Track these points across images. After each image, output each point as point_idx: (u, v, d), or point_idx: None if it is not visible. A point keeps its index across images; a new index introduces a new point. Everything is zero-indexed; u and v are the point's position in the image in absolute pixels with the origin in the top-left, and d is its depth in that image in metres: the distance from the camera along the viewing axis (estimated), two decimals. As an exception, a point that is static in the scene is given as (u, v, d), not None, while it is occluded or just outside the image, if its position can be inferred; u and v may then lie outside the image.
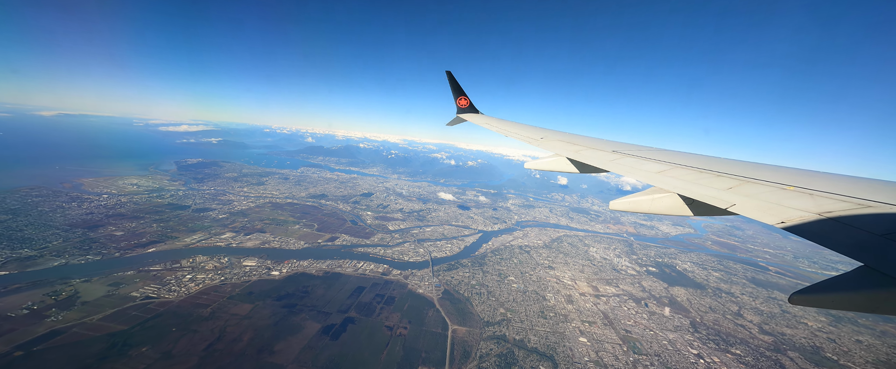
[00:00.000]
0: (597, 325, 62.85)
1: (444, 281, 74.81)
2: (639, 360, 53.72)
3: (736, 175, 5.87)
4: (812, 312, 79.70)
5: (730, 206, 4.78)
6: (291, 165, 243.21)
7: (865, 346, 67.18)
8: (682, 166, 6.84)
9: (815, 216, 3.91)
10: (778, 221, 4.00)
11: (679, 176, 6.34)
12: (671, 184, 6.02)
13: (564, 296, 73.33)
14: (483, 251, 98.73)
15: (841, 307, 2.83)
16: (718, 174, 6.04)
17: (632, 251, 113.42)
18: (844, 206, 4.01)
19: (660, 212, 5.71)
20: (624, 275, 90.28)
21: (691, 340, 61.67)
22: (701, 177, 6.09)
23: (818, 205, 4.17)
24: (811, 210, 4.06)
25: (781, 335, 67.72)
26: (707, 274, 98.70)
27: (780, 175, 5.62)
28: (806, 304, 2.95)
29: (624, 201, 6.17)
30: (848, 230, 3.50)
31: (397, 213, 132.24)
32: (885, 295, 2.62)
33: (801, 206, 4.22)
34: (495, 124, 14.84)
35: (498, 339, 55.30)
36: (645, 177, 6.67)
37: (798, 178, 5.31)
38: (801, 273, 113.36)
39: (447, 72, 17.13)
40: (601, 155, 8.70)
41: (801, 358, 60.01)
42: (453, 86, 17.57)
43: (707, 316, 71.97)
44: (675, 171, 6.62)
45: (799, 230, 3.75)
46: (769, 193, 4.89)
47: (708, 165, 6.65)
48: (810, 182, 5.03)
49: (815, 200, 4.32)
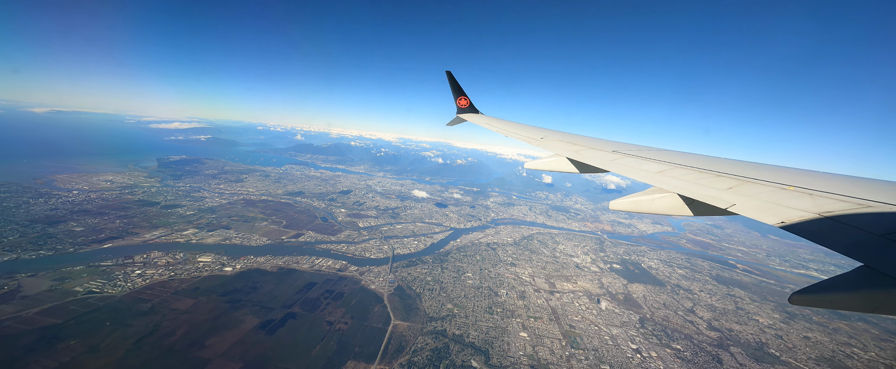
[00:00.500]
0: (542, 321, 63.15)
1: (400, 278, 74.99)
2: (574, 354, 54.05)
3: (736, 175, 5.89)
4: (767, 310, 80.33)
5: (730, 206, 4.79)
6: (277, 163, 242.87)
7: (812, 343, 67.73)
8: (682, 166, 6.89)
9: (815, 216, 3.91)
10: (778, 221, 4.02)
11: (679, 176, 6.38)
12: (671, 184, 6.04)
13: (518, 293, 73.63)
14: (449, 248, 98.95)
15: (841, 307, 2.84)
16: (718, 174, 6.07)
17: (601, 248, 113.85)
18: (844, 206, 4.02)
19: (660, 211, 5.74)
20: (585, 272, 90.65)
21: (635, 335, 62.05)
22: (701, 177, 6.13)
23: (818, 205, 4.17)
24: (811, 210, 4.07)
25: (729, 331, 68.19)
26: (671, 271, 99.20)
27: (780, 175, 5.63)
28: (806, 304, 2.94)
29: (624, 201, 6.18)
30: (848, 230, 3.53)
31: (371, 211, 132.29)
32: (884, 295, 2.62)
33: (801, 206, 4.22)
34: (495, 124, 14.91)
35: (437, 334, 55.54)
36: (645, 177, 6.66)
37: (798, 178, 5.33)
38: (768, 271, 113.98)
39: (447, 72, 17.14)
40: (601, 155, 8.76)
41: (742, 354, 60.47)
42: (453, 86, 17.57)
43: (658, 313, 72.38)
44: (675, 171, 6.65)
45: (799, 230, 3.77)
46: (769, 193, 4.89)
47: (708, 165, 6.69)
48: (810, 182, 5.04)
49: (815, 200, 4.33)
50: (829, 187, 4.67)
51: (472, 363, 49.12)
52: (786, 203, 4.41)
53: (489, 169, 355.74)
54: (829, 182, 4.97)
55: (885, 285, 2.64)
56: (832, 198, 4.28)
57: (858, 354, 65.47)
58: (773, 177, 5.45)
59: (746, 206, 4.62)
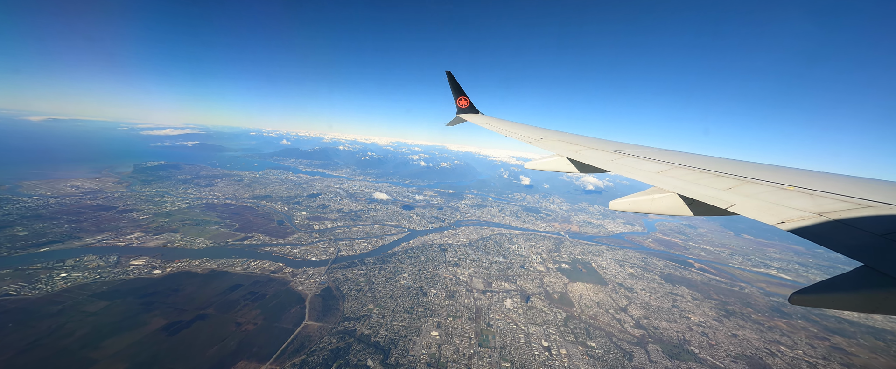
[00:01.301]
0: (461, 320, 63.00)
1: (333, 279, 75.02)
2: (478, 352, 53.88)
3: (736, 175, 5.88)
4: (704, 308, 79.95)
5: (730, 206, 4.78)
6: (257, 167, 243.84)
7: (738, 340, 67.35)
8: (682, 166, 6.89)
9: (815, 216, 3.90)
10: (778, 221, 4.02)
11: (679, 176, 6.37)
12: (671, 184, 6.04)
13: (449, 292, 73.51)
14: (397, 249, 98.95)
15: (841, 307, 2.84)
16: (718, 174, 6.06)
17: (556, 249, 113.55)
18: (844, 206, 4.01)
19: (660, 212, 5.74)
20: (529, 272, 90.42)
21: (552, 333, 61.81)
22: (701, 177, 6.12)
23: (818, 205, 4.17)
24: (811, 210, 4.06)
25: (655, 329, 67.83)
26: (620, 270, 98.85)
27: (780, 175, 5.62)
28: (806, 304, 2.94)
29: (624, 201, 6.15)
30: (848, 230, 3.52)
31: (334, 214, 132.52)
32: (885, 295, 2.62)
33: (801, 206, 4.22)
34: (495, 124, 14.90)
35: (344, 334, 55.51)
36: (645, 177, 6.65)
37: (798, 178, 5.32)
38: (724, 269, 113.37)
39: (447, 72, 17.14)
40: (601, 155, 8.74)
41: (658, 351, 60.14)
42: (453, 86, 17.54)
43: (588, 311, 72.08)
44: (675, 171, 6.65)
45: (799, 230, 3.76)
46: (769, 193, 4.88)
47: (708, 165, 6.69)
48: (810, 182, 5.04)
49: (815, 200, 4.33)
50: (829, 187, 4.67)
51: (368, 362, 49.03)
52: (786, 203, 4.42)
53: (476, 171, 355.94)
54: (829, 182, 4.97)
55: (885, 285, 2.64)
56: (832, 198, 4.29)
57: (784, 351, 65.04)
58: (773, 177, 5.45)
59: (746, 206, 4.62)
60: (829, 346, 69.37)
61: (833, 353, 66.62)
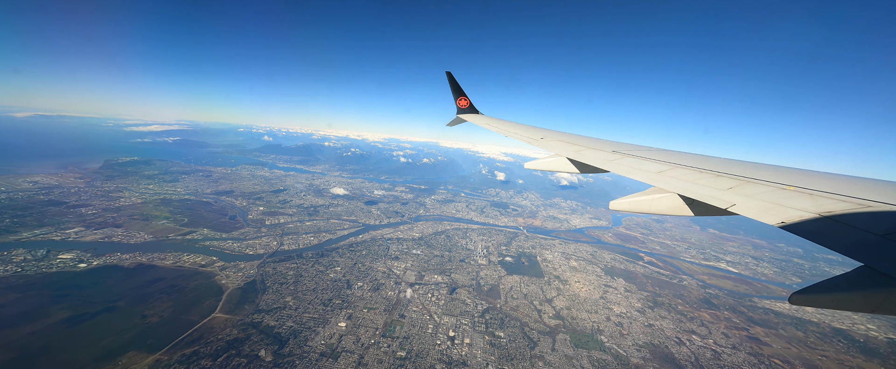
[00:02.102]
0: (376, 311, 63.77)
1: (263, 273, 75.47)
2: (379, 343, 54.69)
3: (736, 175, 5.88)
4: (633, 299, 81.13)
5: (730, 206, 4.79)
6: (233, 163, 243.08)
7: (653, 329, 68.57)
8: (682, 166, 6.90)
9: (815, 216, 3.91)
10: (778, 221, 4.02)
11: (679, 176, 6.39)
12: (671, 184, 6.04)
13: (375, 285, 74.23)
14: (343, 244, 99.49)
15: (841, 307, 2.86)
16: (718, 174, 6.06)
17: (508, 242, 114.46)
18: (844, 206, 4.01)
19: (660, 212, 5.75)
20: (469, 265, 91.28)
21: (464, 324, 62.72)
22: (701, 177, 6.13)
23: (818, 204, 4.17)
24: (811, 210, 4.07)
25: (573, 319, 68.94)
26: (564, 263, 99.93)
27: (780, 175, 5.62)
28: (806, 304, 2.97)
29: (624, 201, 6.15)
30: (848, 230, 3.53)
31: (292, 209, 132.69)
32: (885, 295, 2.63)
33: (801, 206, 4.22)
34: (495, 124, 14.92)
35: (248, 326, 56.10)
36: (645, 177, 6.66)
37: (798, 178, 5.32)
38: (673, 263, 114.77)
39: (447, 72, 17.12)
40: (601, 155, 8.74)
41: (566, 341, 61.24)
42: (453, 86, 17.54)
43: (511, 303, 73.09)
44: (675, 171, 6.66)
45: (799, 230, 3.77)
46: (769, 193, 4.88)
47: (708, 165, 6.70)
48: (810, 182, 5.04)
49: (815, 200, 4.33)
50: (829, 187, 4.68)
51: (260, 353, 49.69)
52: (786, 203, 4.42)
53: (459, 167, 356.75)
54: (829, 182, 4.98)
55: (885, 285, 2.65)
56: (832, 198, 4.29)
57: (695, 340, 66.39)
58: (773, 177, 5.45)
59: (746, 206, 4.63)
60: (745, 336, 70.82)
61: (746, 343, 68.04)
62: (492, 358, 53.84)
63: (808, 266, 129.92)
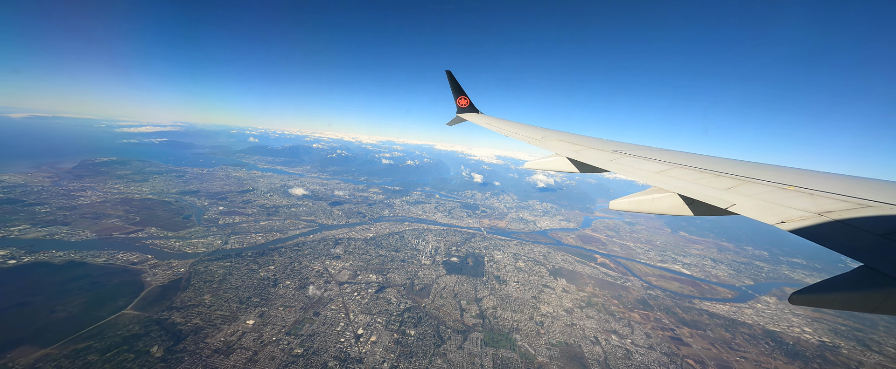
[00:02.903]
0: (292, 309, 63.96)
1: (192, 271, 75.68)
2: (282, 340, 54.89)
3: (736, 175, 5.89)
4: (566, 300, 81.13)
5: (730, 206, 4.79)
6: (213, 164, 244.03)
7: (574, 329, 68.57)
8: (682, 166, 6.91)
9: (815, 216, 3.91)
10: (778, 221, 4.03)
11: (679, 176, 6.40)
12: (671, 184, 6.05)
13: (302, 283, 74.45)
14: (290, 243, 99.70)
15: (841, 307, 2.86)
16: (718, 174, 6.07)
17: (461, 243, 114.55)
18: (844, 206, 4.02)
19: (660, 211, 5.77)
20: (410, 265, 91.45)
21: (377, 322, 62.83)
22: (701, 177, 6.14)
23: (818, 205, 4.18)
24: (811, 210, 4.08)
25: (494, 318, 69.01)
26: (510, 264, 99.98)
27: (780, 175, 5.63)
28: (806, 304, 2.95)
29: (625, 201, 6.16)
30: (848, 230, 3.53)
31: (253, 209, 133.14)
32: (885, 295, 2.63)
33: (801, 206, 4.23)
34: (495, 124, 14.87)
35: (153, 322, 56.31)
36: (645, 177, 6.68)
37: (798, 178, 5.33)
38: (626, 264, 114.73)
39: (447, 71, 17.15)
40: (601, 155, 8.75)
41: (478, 339, 61.28)
42: (453, 85, 17.55)
43: (437, 302, 73.23)
44: (675, 171, 6.67)
45: (799, 230, 3.77)
46: (769, 193, 4.88)
47: (708, 165, 6.71)
48: (810, 182, 5.04)
49: (815, 200, 4.34)
50: (829, 187, 4.68)
51: (152, 349, 49.94)
52: (786, 203, 4.44)
53: (446, 169, 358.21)
54: (829, 182, 4.98)
55: (885, 285, 2.66)
56: (832, 198, 4.30)
57: (613, 340, 66.38)
58: (773, 177, 5.46)
59: (746, 206, 4.64)
60: (668, 336, 70.81)
61: (666, 343, 68.04)
62: (391, 356, 53.98)
63: (768, 269, 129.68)
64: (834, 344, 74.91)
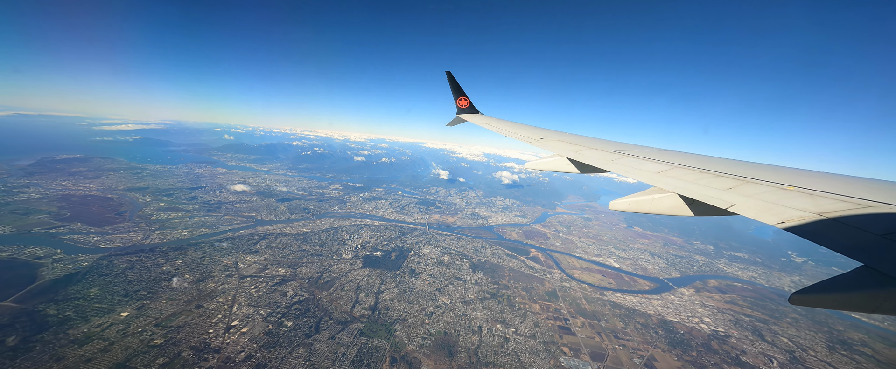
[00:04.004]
0: (176, 302, 64.66)
1: (94, 266, 75.91)
2: (146, 331, 55.69)
3: (736, 175, 5.89)
4: (471, 293, 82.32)
5: (730, 206, 4.80)
6: (181, 161, 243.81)
7: (463, 318, 69.76)
8: (682, 166, 6.91)
9: (815, 216, 3.92)
10: (778, 221, 4.03)
11: (679, 176, 6.41)
12: (671, 184, 6.06)
13: (201, 277, 75.18)
14: (212, 239, 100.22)
15: (841, 307, 2.87)
16: (718, 174, 6.08)
17: (394, 238, 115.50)
18: (844, 206, 4.02)
19: (660, 212, 5.78)
20: (327, 259, 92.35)
21: (259, 313, 63.73)
22: (701, 177, 6.15)
23: (818, 205, 4.18)
24: (811, 210, 4.09)
25: (387, 311, 70.15)
26: (437, 258, 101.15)
27: (780, 175, 5.64)
28: (806, 304, 2.97)
29: (625, 201, 6.20)
30: (848, 230, 3.54)
31: (194, 205, 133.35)
32: (885, 295, 2.65)
33: (801, 206, 4.24)
34: (495, 124, 14.91)
35: (23, 314, 56.99)
36: (645, 177, 6.69)
37: (798, 178, 5.34)
38: (559, 259, 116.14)
39: (447, 72, 17.10)
40: (601, 155, 8.77)
41: (354, 331, 62.34)
42: (453, 86, 17.53)
43: (336, 294, 74.30)
44: (675, 171, 6.67)
45: (799, 230, 3.78)
46: (769, 193, 4.89)
47: (708, 165, 6.71)
48: (810, 182, 5.05)
49: (815, 200, 4.34)
50: (829, 187, 4.69)
51: (9, 340, 50.65)
52: (786, 203, 4.45)
53: (424, 165, 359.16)
54: (829, 182, 4.99)
55: (885, 285, 2.67)
56: (832, 198, 4.30)
57: (495, 329, 67.62)
58: (773, 177, 5.48)
59: (746, 206, 4.66)
60: (557, 326, 72.28)
61: (551, 332, 69.45)
62: (253, 346, 54.98)
63: (704, 262, 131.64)
64: (726, 334, 76.72)
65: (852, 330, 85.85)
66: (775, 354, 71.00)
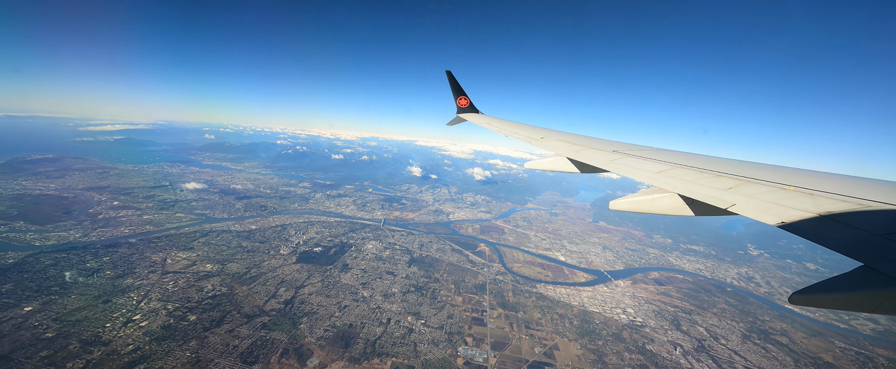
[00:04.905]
0: (85, 297, 65.51)
1: (20, 262, 76.80)
2: (42, 325, 56.56)
3: (736, 175, 5.91)
4: (397, 287, 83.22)
5: (730, 206, 4.80)
6: (157, 160, 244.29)
7: (375, 312, 70.72)
8: (682, 166, 6.93)
9: (815, 216, 3.93)
10: (778, 221, 4.03)
11: (679, 176, 6.43)
12: (671, 184, 6.09)
13: (122, 273, 76.02)
14: (154, 236, 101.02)
15: (841, 307, 2.88)
16: (718, 174, 6.10)
17: (341, 234, 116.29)
18: (844, 206, 4.03)
19: (660, 211, 5.78)
20: (262, 255, 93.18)
21: (165, 308, 64.58)
22: (701, 177, 6.17)
23: (818, 204, 4.19)
24: (811, 210, 4.09)
25: (302, 304, 71.05)
26: (376, 254, 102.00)
27: (780, 175, 5.65)
28: (806, 304, 2.99)
29: (625, 201, 6.22)
30: (848, 230, 3.54)
31: (148, 204, 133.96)
32: (885, 295, 2.65)
33: (800, 206, 4.24)
34: (495, 124, 14.93)
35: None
36: (645, 177, 6.71)
37: (798, 178, 5.35)
38: (505, 252, 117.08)
39: (447, 71, 17.16)
40: (601, 155, 8.80)
41: (256, 324, 63.29)
42: (453, 85, 17.60)
43: (254, 290, 75.14)
44: (676, 171, 6.69)
45: (799, 230, 3.78)
46: (769, 193, 4.90)
47: (708, 165, 6.73)
48: (810, 182, 5.05)
49: (815, 200, 4.34)
50: (829, 187, 4.69)
51: None
52: (786, 203, 4.46)
53: (406, 163, 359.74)
54: (829, 182, 5.00)
55: (885, 285, 2.68)
56: (832, 198, 4.30)
57: (404, 320, 68.55)
58: (773, 177, 5.50)
59: (746, 206, 4.67)
60: (471, 318, 73.23)
61: (464, 323, 70.39)
62: (147, 339, 55.90)
63: (656, 255, 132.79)
64: (642, 324, 77.85)
65: (777, 320, 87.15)
66: (684, 342, 72.15)
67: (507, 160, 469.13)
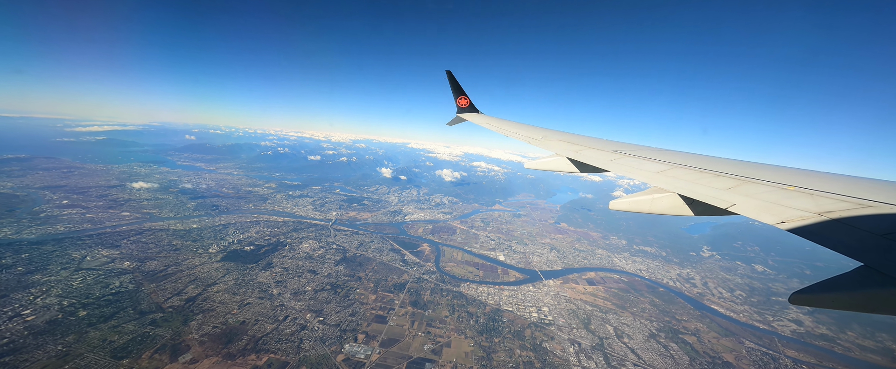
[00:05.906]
0: (-16, 293, 66.27)
1: (-64, 258, 77.86)
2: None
3: (736, 175, 5.91)
4: (316, 284, 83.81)
5: (730, 206, 4.82)
6: (130, 160, 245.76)
7: (289, 310, 71.29)
8: (682, 166, 6.94)
9: (816, 216, 3.93)
10: (778, 221, 4.04)
11: (679, 176, 6.44)
12: (671, 184, 6.10)
13: (33, 269, 76.63)
14: (88, 234, 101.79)
15: (841, 307, 2.87)
16: (718, 174, 6.11)
17: (281, 234, 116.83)
18: (844, 206, 4.03)
19: (660, 211, 5.79)
20: (188, 253, 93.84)
21: (61, 303, 65.07)
22: (701, 177, 6.17)
23: (818, 204, 4.20)
24: (811, 210, 4.10)
25: (203, 301, 71.65)
26: (313, 252, 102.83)
27: (780, 175, 5.67)
28: (806, 304, 2.99)
29: (625, 201, 6.26)
30: (848, 230, 3.55)
31: (99, 202, 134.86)
32: (885, 295, 2.66)
33: (801, 206, 4.25)
34: (495, 124, 14.98)
35: None
36: (645, 177, 6.72)
37: (798, 178, 5.37)
38: (447, 251, 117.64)
39: (447, 71, 17.25)
40: (601, 155, 8.82)
41: (145, 321, 63.88)
42: (453, 85, 17.69)
43: (165, 286, 75.70)
44: (676, 171, 6.71)
45: (799, 230, 3.78)
46: (769, 193, 4.91)
47: (708, 165, 6.74)
48: (810, 182, 5.06)
49: (816, 200, 4.36)
50: (830, 187, 4.71)
51: None
52: (786, 203, 4.48)
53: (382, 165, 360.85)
54: (829, 182, 5.01)
55: (885, 285, 2.69)
56: (832, 198, 4.32)
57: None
58: (774, 177, 5.51)
59: (747, 206, 4.68)
60: (375, 316, 73.76)
61: (363, 321, 70.96)
62: (25, 333, 56.49)
63: (602, 255, 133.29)
64: (550, 323, 78.38)
65: (695, 320, 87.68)
66: (585, 341, 72.66)
67: (492, 162, 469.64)
